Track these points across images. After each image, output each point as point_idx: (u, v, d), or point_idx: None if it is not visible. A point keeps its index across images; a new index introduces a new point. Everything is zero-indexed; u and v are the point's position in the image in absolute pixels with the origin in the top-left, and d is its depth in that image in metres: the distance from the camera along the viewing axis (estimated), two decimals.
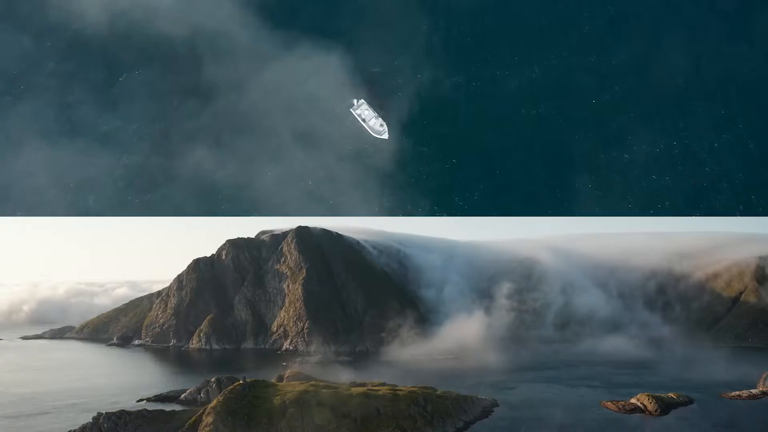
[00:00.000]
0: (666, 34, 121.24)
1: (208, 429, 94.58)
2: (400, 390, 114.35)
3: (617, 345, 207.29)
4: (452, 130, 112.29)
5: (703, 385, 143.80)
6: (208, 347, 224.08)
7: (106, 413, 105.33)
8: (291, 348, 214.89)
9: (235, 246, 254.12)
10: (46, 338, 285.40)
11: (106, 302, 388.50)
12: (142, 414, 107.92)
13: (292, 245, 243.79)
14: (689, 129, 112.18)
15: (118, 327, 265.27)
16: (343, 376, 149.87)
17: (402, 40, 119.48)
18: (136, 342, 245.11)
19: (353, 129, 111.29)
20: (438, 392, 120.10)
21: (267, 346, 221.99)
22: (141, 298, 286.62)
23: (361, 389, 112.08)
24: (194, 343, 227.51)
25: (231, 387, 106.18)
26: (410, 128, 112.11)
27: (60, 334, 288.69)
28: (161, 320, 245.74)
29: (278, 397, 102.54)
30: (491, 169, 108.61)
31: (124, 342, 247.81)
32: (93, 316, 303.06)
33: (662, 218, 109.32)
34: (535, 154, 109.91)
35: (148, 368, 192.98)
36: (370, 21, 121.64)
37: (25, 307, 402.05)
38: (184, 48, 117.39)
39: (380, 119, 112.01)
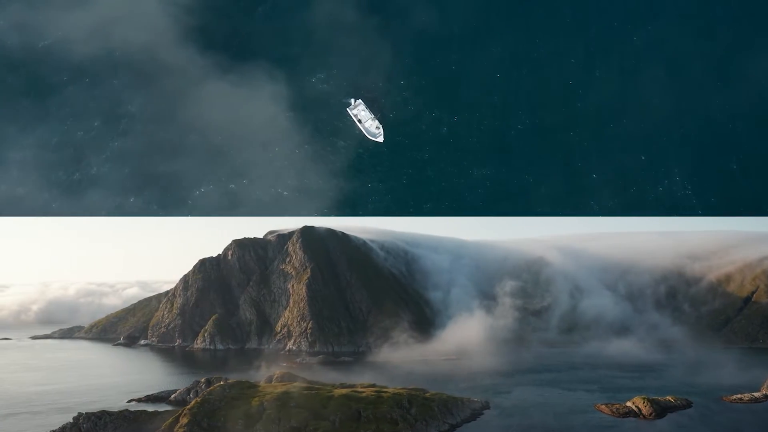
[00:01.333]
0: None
1: (182, 430, 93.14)
2: (385, 392, 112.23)
3: (624, 347, 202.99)
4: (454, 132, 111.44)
5: (707, 388, 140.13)
6: (212, 347, 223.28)
7: (86, 413, 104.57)
8: (294, 348, 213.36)
9: (241, 246, 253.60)
10: (55, 338, 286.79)
11: (115, 302, 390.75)
12: (123, 414, 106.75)
13: (297, 245, 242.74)
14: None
15: (126, 327, 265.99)
16: (337, 377, 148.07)
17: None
18: (142, 342, 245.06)
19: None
20: (427, 394, 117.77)
21: (271, 346, 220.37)
22: (149, 298, 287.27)
23: (344, 390, 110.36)
24: (198, 343, 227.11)
25: (210, 388, 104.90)
26: (407, 130, 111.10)
27: (69, 333, 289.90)
28: (167, 320, 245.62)
29: (257, 399, 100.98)
30: (501, 168, 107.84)
31: (131, 342, 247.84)
32: (103, 316, 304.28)
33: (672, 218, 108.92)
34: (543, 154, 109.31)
35: (148, 368, 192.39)
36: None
37: (34, 307, 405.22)
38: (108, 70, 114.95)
39: (376, 121, 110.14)
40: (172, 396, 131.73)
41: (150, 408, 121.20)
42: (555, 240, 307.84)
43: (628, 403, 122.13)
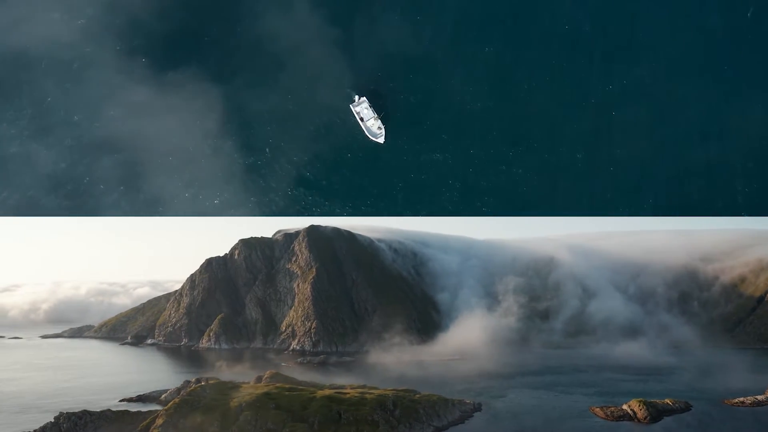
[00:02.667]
0: None
1: (156, 431, 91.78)
2: (370, 393, 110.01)
3: (632, 350, 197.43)
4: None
5: (711, 391, 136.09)
6: (217, 347, 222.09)
7: (66, 413, 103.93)
8: (298, 348, 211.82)
9: (248, 245, 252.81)
10: (65, 337, 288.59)
11: (126, 302, 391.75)
12: (104, 414, 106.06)
13: (303, 244, 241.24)
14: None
15: (135, 326, 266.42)
16: (331, 377, 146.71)
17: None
18: (149, 341, 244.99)
19: None
20: (416, 395, 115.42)
21: (275, 346, 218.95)
22: (159, 298, 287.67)
23: (327, 392, 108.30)
24: (204, 343, 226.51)
25: (190, 389, 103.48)
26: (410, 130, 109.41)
27: (79, 333, 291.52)
28: (173, 319, 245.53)
29: (236, 400, 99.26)
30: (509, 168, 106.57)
31: (138, 341, 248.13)
32: (113, 315, 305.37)
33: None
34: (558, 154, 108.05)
35: (149, 368, 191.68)
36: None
37: (44, 306, 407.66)
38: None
39: (379, 121, 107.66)
40: (163, 396, 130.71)
41: (139, 408, 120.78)
42: (566, 239, 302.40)
43: (624, 407, 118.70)
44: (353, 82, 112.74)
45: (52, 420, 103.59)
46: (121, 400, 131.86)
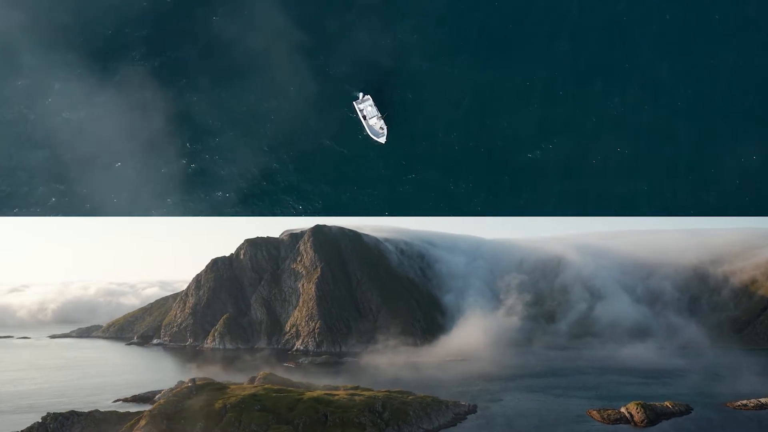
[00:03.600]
0: None
1: None
2: (360, 394, 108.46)
3: (638, 351, 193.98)
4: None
5: (714, 394, 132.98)
6: (221, 347, 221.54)
7: (53, 413, 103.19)
8: (302, 348, 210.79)
9: (254, 245, 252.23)
10: (73, 337, 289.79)
11: (134, 302, 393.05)
12: (92, 415, 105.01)
13: (308, 244, 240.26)
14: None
15: (143, 326, 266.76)
16: (327, 378, 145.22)
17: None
18: (155, 341, 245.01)
19: None
20: (409, 397, 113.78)
21: (279, 346, 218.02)
22: (166, 298, 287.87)
23: (315, 393, 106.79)
24: (208, 343, 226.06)
25: (176, 390, 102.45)
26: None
27: (87, 333, 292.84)
28: (179, 319, 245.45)
29: (221, 401, 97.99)
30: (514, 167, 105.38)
31: (144, 341, 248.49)
32: (121, 315, 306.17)
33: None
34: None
35: (151, 368, 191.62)
36: None
37: (52, 306, 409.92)
38: None
39: (382, 120, 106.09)
40: (157, 396, 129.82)
41: (134, 408, 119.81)
42: (575, 238, 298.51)
43: (622, 409, 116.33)
44: (358, 79, 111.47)
45: (39, 420, 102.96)
46: (115, 401, 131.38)
